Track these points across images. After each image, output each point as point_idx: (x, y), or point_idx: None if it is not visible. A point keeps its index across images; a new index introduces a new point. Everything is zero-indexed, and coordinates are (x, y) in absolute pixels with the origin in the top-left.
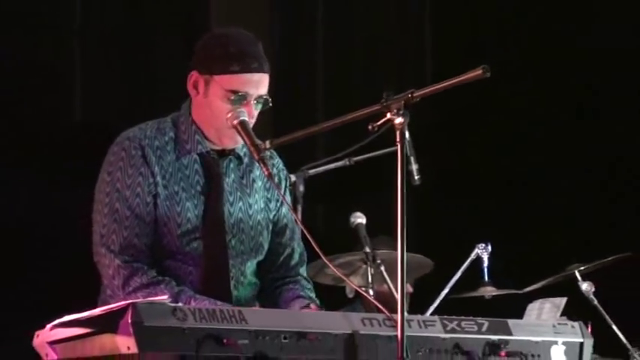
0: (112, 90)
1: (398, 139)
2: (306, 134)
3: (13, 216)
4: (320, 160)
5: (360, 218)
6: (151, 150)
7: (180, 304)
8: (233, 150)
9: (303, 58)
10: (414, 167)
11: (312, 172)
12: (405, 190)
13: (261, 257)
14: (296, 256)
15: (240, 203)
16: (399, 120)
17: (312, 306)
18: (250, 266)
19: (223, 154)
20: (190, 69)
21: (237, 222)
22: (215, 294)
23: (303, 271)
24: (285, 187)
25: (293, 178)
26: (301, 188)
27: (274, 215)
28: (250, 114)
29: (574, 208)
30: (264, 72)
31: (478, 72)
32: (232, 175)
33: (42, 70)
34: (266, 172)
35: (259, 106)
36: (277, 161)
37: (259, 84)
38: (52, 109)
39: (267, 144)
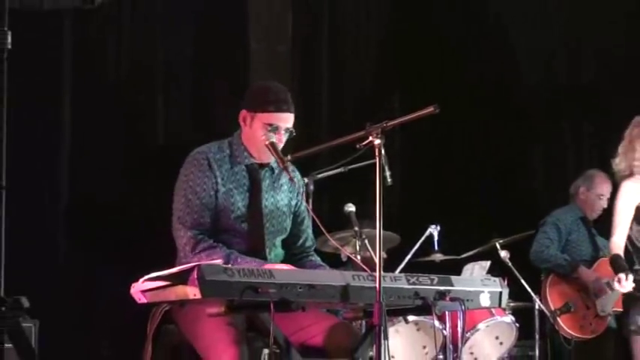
0: (183, 124)
1: (377, 154)
2: (315, 151)
3: (124, 205)
4: (324, 167)
5: (351, 207)
6: (213, 160)
7: (230, 266)
8: (268, 164)
9: (312, 98)
10: (388, 173)
11: (319, 176)
12: (381, 189)
13: (285, 236)
14: (310, 239)
15: (272, 199)
16: (377, 141)
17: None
18: (278, 240)
19: (262, 166)
20: (240, 108)
21: (270, 211)
22: (256, 257)
23: (314, 247)
24: (302, 188)
25: (306, 180)
26: (311, 187)
27: (295, 210)
28: (280, 140)
29: (496, 199)
30: (290, 112)
31: (431, 109)
32: (267, 181)
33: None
34: (289, 176)
35: (287, 135)
36: (297, 173)
37: (287, 120)
38: (144, 135)
39: (289, 157)
